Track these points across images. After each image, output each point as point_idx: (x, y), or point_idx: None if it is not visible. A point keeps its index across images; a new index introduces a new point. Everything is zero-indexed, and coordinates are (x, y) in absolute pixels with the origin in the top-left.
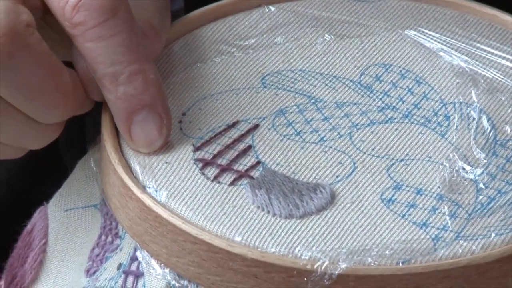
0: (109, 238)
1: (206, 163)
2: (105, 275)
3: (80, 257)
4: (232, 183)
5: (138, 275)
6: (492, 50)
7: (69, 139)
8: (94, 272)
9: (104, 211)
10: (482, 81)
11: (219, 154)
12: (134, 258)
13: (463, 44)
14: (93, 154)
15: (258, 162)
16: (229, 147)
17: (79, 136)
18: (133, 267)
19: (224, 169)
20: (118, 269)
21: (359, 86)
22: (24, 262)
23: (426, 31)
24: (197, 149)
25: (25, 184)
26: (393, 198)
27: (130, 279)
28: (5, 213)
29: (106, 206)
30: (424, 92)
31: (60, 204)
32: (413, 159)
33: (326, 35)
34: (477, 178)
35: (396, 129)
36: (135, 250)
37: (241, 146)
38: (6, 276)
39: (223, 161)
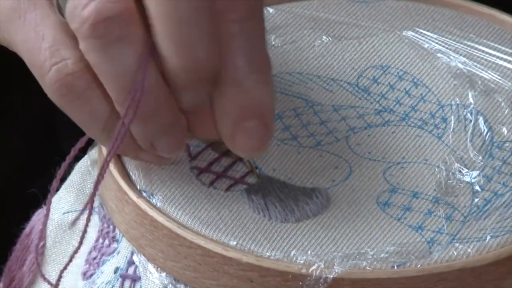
0: (106, 242)
1: (202, 171)
2: (102, 278)
3: (78, 260)
4: (228, 189)
5: (135, 279)
6: (490, 51)
7: (67, 124)
8: (91, 275)
9: (102, 215)
10: (480, 82)
11: (216, 161)
12: (131, 262)
13: (461, 45)
14: (90, 157)
15: (255, 168)
16: (225, 153)
17: None
18: (130, 271)
19: (220, 176)
20: (115, 272)
21: (356, 88)
22: (22, 265)
23: (424, 32)
24: (193, 157)
25: (21, 178)
26: (389, 202)
27: (127, 283)
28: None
29: (104, 210)
30: (421, 94)
31: (58, 207)
32: (409, 162)
33: (324, 37)
34: (473, 180)
35: (393, 132)
36: (132, 254)
37: None
38: (5, 278)
39: (220, 168)
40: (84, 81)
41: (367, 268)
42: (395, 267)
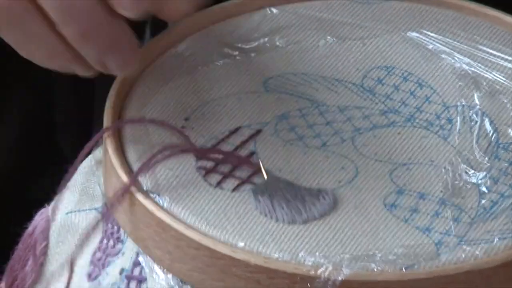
0: (111, 242)
1: (208, 171)
2: (108, 280)
3: (81, 261)
4: (235, 189)
5: (141, 280)
6: (494, 52)
7: (66, 124)
8: (96, 277)
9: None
10: (484, 83)
11: (222, 161)
12: (136, 263)
13: (465, 46)
14: (94, 157)
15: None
16: (231, 154)
17: (77, 120)
18: (136, 272)
19: (226, 176)
20: (120, 274)
21: (361, 89)
22: (25, 265)
23: (428, 33)
24: (200, 157)
25: (20, 178)
26: (396, 203)
27: (133, 284)
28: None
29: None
30: (426, 95)
31: (61, 207)
32: (415, 163)
33: (328, 37)
34: (479, 181)
35: (399, 133)
36: (138, 255)
37: (243, 153)
38: (7, 278)
39: (225, 168)
40: (21, 4)
41: (375, 270)
42: (404, 269)
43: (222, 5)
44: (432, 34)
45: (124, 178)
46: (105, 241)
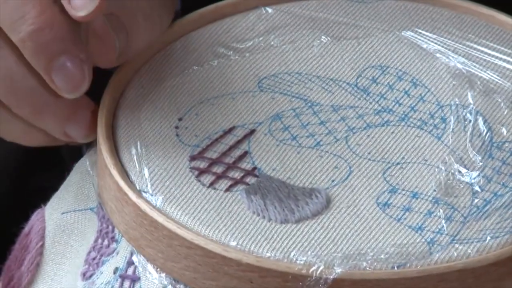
0: (106, 242)
1: (202, 171)
2: (102, 279)
3: (77, 260)
4: (227, 190)
5: (135, 279)
6: (489, 51)
7: None
8: (91, 276)
9: (101, 215)
10: (479, 82)
11: (215, 161)
12: (130, 262)
13: (460, 45)
14: (89, 157)
15: (254, 168)
16: (225, 154)
17: None
18: (130, 271)
19: (220, 177)
20: (114, 273)
21: (355, 88)
22: (21, 265)
23: (423, 32)
24: (193, 158)
25: (19, 178)
26: (389, 202)
27: (127, 283)
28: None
29: (103, 210)
30: (420, 94)
31: (57, 207)
32: (409, 163)
33: (323, 37)
34: (473, 181)
35: (393, 133)
36: (132, 254)
37: (237, 153)
38: (3, 278)
39: (219, 168)
40: None
41: (367, 269)
42: (395, 268)
43: (216, 5)
44: (427, 33)
45: (118, 178)
46: (100, 240)
